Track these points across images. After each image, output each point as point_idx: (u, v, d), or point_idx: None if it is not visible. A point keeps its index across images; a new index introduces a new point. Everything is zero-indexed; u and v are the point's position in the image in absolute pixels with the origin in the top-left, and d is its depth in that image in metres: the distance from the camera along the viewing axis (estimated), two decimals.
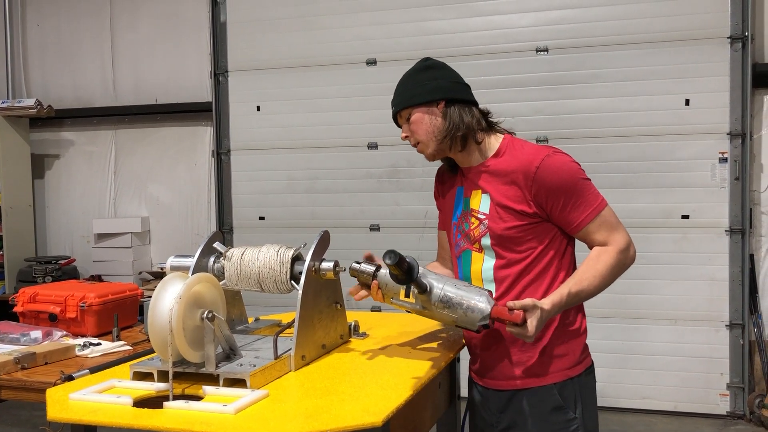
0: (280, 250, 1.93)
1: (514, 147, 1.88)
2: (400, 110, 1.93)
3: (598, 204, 1.82)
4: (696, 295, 4.56)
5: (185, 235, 5.84)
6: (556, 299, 1.73)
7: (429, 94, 1.88)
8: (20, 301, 2.77)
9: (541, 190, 1.78)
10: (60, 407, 1.53)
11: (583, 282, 1.78)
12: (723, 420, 4.49)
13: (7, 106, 5.72)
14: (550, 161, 1.79)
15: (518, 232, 1.82)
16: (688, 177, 4.56)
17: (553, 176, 1.78)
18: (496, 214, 1.85)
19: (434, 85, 1.89)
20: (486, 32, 4.87)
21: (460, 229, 1.95)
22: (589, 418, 1.87)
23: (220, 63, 5.51)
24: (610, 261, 1.80)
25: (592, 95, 4.71)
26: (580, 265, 1.84)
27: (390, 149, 5.11)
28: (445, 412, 2.11)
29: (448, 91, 1.89)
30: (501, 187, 1.85)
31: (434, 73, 1.93)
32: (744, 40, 4.41)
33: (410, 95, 1.90)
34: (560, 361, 1.85)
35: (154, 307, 1.61)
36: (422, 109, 1.88)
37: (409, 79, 1.94)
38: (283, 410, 1.49)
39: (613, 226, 1.83)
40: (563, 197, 1.78)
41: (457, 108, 1.88)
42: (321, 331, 1.92)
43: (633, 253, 1.86)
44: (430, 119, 1.88)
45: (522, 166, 1.81)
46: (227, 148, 5.54)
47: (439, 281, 1.74)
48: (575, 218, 1.81)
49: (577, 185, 1.80)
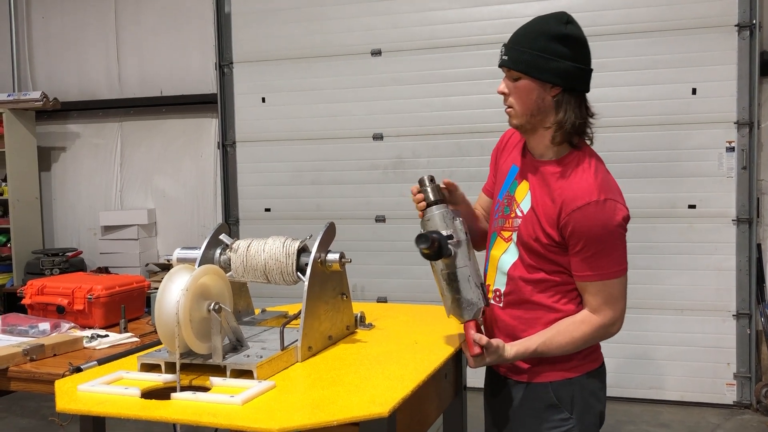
0: (286, 241, 1.93)
1: (577, 168, 1.74)
2: (512, 68, 1.74)
3: (613, 272, 1.72)
4: (703, 285, 4.55)
5: (191, 227, 5.85)
6: (520, 351, 1.76)
7: (551, 74, 1.70)
8: (28, 293, 2.78)
9: (569, 226, 1.70)
10: (68, 398, 1.54)
11: (552, 344, 1.75)
12: (730, 410, 4.49)
13: (13, 99, 5.73)
14: (592, 210, 1.67)
15: (542, 249, 1.76)
16: (695, 166, 4.54)
17: (586, 224, 1.68)
18: (530, 221, 1.78)
19: (561, 67, 1.70)
20: (492, 22, 4.84)
21: (499, 209, 1.89)
22: (587, 421, 1.82)
23: (225, 54, 5.50)
24: (588, 332, 1.75)
25: (598, 84, 4.58)
26: (560, 322, 1.77)
27: (395, 140, 5.11)
28: (451, 403, 2.11)
29: (572, 79, 1.73)
30: (544, 198, 1.77)
31: (567, 51, 1.71)
32: (751, 28, 4.37)
33: (532, 63, 1.70)
34: (559, 363, 1.81)
35: (161, 299, 1.62)
36: (535, 83, 1.72)
37: (539, 39, 1.71)
38: (290, 401, 1.50)
39: (613, 299, 1.73)
40: (582, 244, 1.70)
41: (572, 100, 1.74)
42: (327, 323, 1.92)
43: (616, 330, 1.77)
44: (538, 97, 1.72)
45: (568, 196, 1.70)
46: (233, 140, 5.54)
47: (464, 259, 1.75)
48: (582, 270, 1.73)
49: (606, 244, 1.70)
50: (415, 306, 2.43)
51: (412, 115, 5.02)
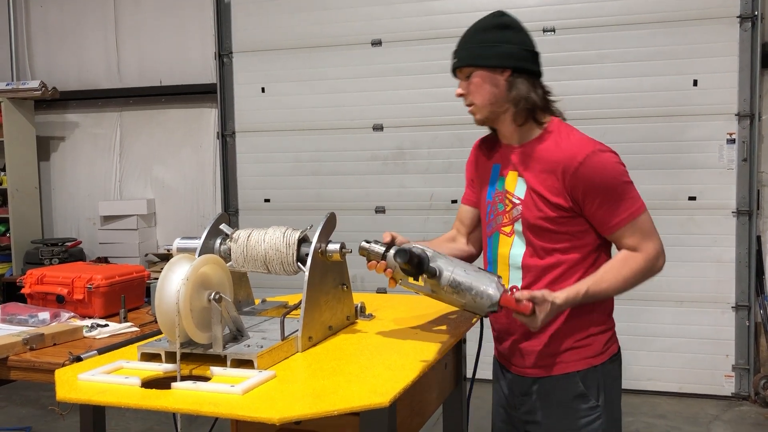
0: (287, 231, 1.92)
1: (560, 134, 1.79)
2: (462, 66, 1.81)
3: (636, 209, 1.73)
4: (702, 276, 4.56)
5: (190, 217, 5.85)
6: (571, 295, 1.68)
7: (497, 58, 1.76)
8: (28, 282, 2.78)
9: (579, 186, 1.71)
10: (69, 387, 1.54)
11: (603, 283, 1.72)
12: (728, 401, 4.50)
13: (12, 89, 5.71)
14: (595, 159, 1.70)
15: (552, 224, 1.76)
16: (696, 158, 4.53)
17: (595, 175, 1.70)
18: (531, 202, 1.78)
19: (504, 51, 1.76)
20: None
21: (494, 209, 1.89)
22: (612, 406, 1.84)
23: (225, 44, 5.48)
24: (636, 267, 1.73)
25: (599, 76, 4.67)
26: (602, 266, 1.77)
27: (395, 131, 5.10)
28: (451, 393, 2.11)
29: (518, 59, 1.77)
30: (539, 174, 1.77)
31: (507, 35, 1.78)
32: (753, 20, 4.36)
33: (476, 54, 1.78)
34: (584, 350, 1.82)
35: (161, 289, 1.61)
36: (485, 73, 1.77)
37: (478, 34, 1.81)
38: (291, 391, 1.50)
39: (647, 233, 1.74)
40: (600, 197, 1.71)
41: (524, 80, 1.77)
42: (328, 313, 1.92)
43: (662, 263, 1.76)
44: (492, 86, 1.77)
45: (564, 158, 1.72)
46: (232, 130, 5.53)
47: (449, 265, 1.72)
48: (610, 220, 1.73)
49: (618, 188, 1.72)
50: (415, 297, 2.43)
51: (413, 106, 5.01)
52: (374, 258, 1.81)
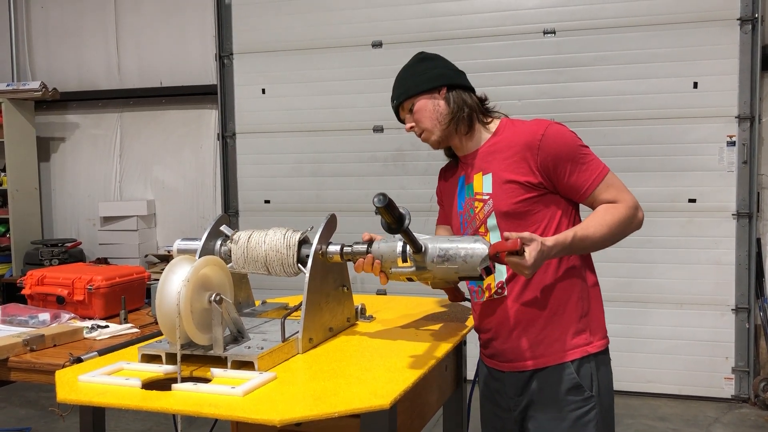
0: (287, 233, 1.92)
1: (513, 124, 1.92)
2: (402, 101, 1.96)
3: (602, 169, 1.84)
4: (702, 279, 4.56)
5: (190, 219, 5.85)
6: (560, 238, 1.72)
7: (430, 81, 1.92)
8: (28, 283, 2.78)
9: (548, 157, 1.80)
10: (69, 389, 1.54)
11: (589, 228, 1.78)
12: (728, 403, 4.50)
13: (12, 89, 5.72)
14: (554, 129, 1.82)
15: (525, 205, 1.83)
16: (696, 160, 4.54)
17: (558, 143, 1.80)
18: (501, 191, 1.85)
19: (434, 74, 1.93)
20: (493, 14, 4.83)
21: (466, 217, 1.94)
22: (605, 396, 1.88)
23: (225, 45, 5.49)
24: (618, 214, 1.80)
25: (599, 78, 4.68)
26: (588, 216, 1.83)
27: (395, 132, 5.10)
28: (451, 395, 2.11)
29: (448, 78, 1.93)
30: (504, 162, 1.86)
31: (431, 63, 1.97)
32: (753, 22, 4.37)
33: (411, 85, 1.94)
34: (578, 338, 1.85)
35: (162, 290, 1.61)
36: (425, 97, 1.92)
37: (406, 72, 1.98)
38: (291, 392, 1.50)
39: (620, 188, 1.84)
40: (569, 163, 1.80)
41: (458, 92, 1.92)
42: (328, 314, 1.92)
43: (641, 215, 1.85)
44: (434, 105, 1.92)
45: (525, 137, 1.83)
46: (232, 131, 5.53)
47: (431, 240, 1.75)
48: (583, 182, 1.81)
49: (581, 151, 1.82)
50: (415, 298, 2.43)
51: None
52: (359, 256, 1.83)
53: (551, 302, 1.85)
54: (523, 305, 1.86)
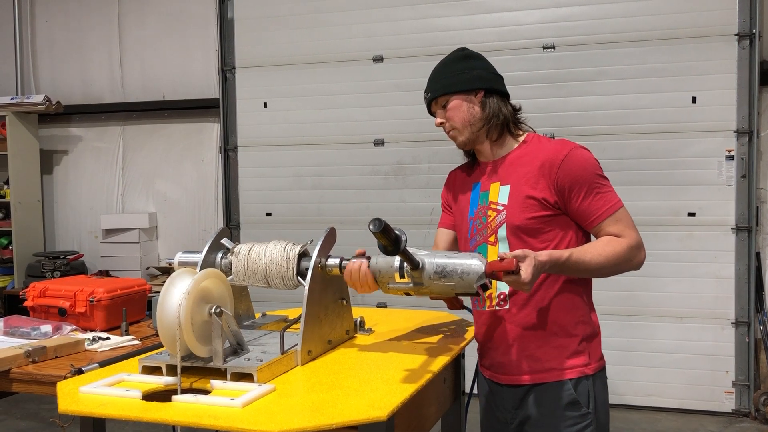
0: (287, 246, 1.94)
1: (540, 140, 1.92)
2: (437, 97, 1.94)
3: (617, 202, 1.84)
4: (702, 292, 4.56)
5: (192, 231, 5.87)
6: (555, 255, 1.72)
7: (469, 82, 1.91)
8: (30, 295, 2.79)
9: (566, 178, 1.80)
10: (70, 400, 1.55)
11: (587, 254, 1.77)
12: (728, 417, 4.49)
13: (16, 102, 5.76)
14: (577, 153, 1.83)
15: (537, 222, 1.83)
16: (695, 175, 4.55)
17: (578, 166, 1.81)
18: (516, 205, 1.86)
19: (474, 75, 1.92)
20: (493, 29, 4.87)
21: (477, 224, 1.94)
22: (602, 413, 1.89)
23: (228, 59, 5.53)
24: (618, 249, 1.79)
25: (599, 92, 4.71)
26: (588, 243, 1.85)
27: (396, 146, 5.13)
28: (449, 408, 2.12)
29: (487, 81, 1.92)
30: (524, 176, 1.86)
31: (473, 63, 1.95)
32: (751, 38, 4.40)
33: (449, 83, 1.92)
34: (577, 359, 1.86)
35: (162, 302, 1.63)
36: (461, 97, 1.91)
37: (446, 67, 1.96)
38: (290, 404, 1.51)
39: (629, 224, 1.83)
40: (585, 189, 1.80)
41: (495, 98, 1.92)
42: (327, 327, 1.94)
43: (643, 255, 1.83)
44: (469, 107, 1.91)
45: (549, 155, 1.84)
46: (234, 145, 5.56)
47: (428, 256, 1.75)
48: (594, 211, 1.81)
49: (599, 180, 1.83)
50: (414, 311, 2.44)
51: (413, 121, 5.04)
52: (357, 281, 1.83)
53: (553, 322, 1.86)
54: (524, 321, 1.87)
